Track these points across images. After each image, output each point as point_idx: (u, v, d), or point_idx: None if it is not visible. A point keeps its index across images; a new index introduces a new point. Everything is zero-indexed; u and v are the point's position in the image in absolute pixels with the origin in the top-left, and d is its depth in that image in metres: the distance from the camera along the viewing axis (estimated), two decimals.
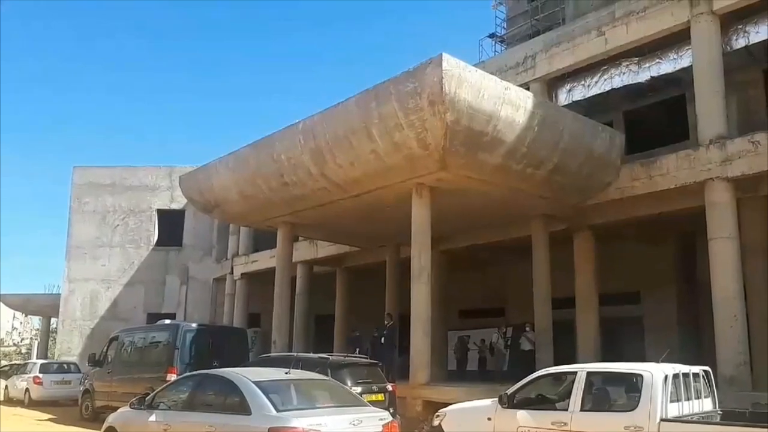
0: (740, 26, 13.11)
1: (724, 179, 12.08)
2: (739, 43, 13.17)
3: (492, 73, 12.35)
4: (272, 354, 13.63)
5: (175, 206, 28.86)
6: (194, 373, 8.34)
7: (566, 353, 14.57)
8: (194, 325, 14.50)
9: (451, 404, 9.14)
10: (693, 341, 15.56)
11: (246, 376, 6.96)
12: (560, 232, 15.45)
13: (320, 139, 12.93)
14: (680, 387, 6.99)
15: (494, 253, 19.01)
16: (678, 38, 13.58)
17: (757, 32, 12.91)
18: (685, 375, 7.15)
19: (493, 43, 25.00)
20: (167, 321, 15.25)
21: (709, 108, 12.57)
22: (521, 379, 8.03)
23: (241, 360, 12.49)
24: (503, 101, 11.26)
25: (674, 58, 14.08)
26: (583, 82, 15.65)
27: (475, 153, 11.62)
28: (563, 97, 15.96)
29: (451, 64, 10.56)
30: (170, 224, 28.85)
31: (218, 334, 15.13)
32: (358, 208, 14.66)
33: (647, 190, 13.33)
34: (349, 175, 13.09)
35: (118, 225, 28.95)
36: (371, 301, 20.87)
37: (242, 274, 26.09)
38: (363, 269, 21.97)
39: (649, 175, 13.28)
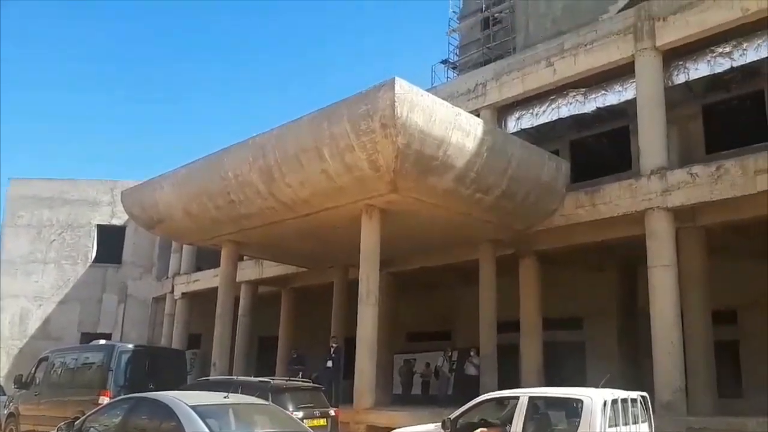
0: (681, 63, 13.68)
1: (664, 209, 12.46)
2: (680, 78, 13.72)
3: (444, 99, 12.48)
4: (211, 377, 13.21)
5: (116, 222, 27.94)
6: (128, 396, 7.93)
7: (510, 377, 14.64)
8: (130, 345, 13.99)
9: (395, 429, 9.00)
10: (633, 367, 15.91)
11: (182, 400, 6.65)
12: (507, 257, 15.62)
13: (270, 158, 12.73)
14: (619, 412, 7.13)
15: (443, 276, 19.07)
16: (623, 71, 14.03)
17: (697, 69, 13.49)
18: (624, 400, 7.28)
19: (446, 69, 25.44)
20: (102, 341, 14.64)
21: (651, 140, 13.00)
22: (465, 404, 7.97)
23: (179, 383, 12.07)
24: (454, 127, 11.39)
25: (619, 91, 14.55)
26: (531, 111, 15.99)
27: (425, 176, 11.67)
28: (512, 124, 16.25)
29: (403, 88, 10.65)
30: (110, 240, 27.89)
31: (155, 356, 14.58)
32: (307, 228, 14.46)
33: (591, 217, 13.62)
34: (299, 195, 12.91)
35: (54, 240, 27.79)
36: (318, 324, 20.57)
37: (183, 293, 25.35)
38: (310, 290, 21.67)
39: (593, 203, 13.59)
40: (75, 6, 65.28)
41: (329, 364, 15.37)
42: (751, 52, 12.80)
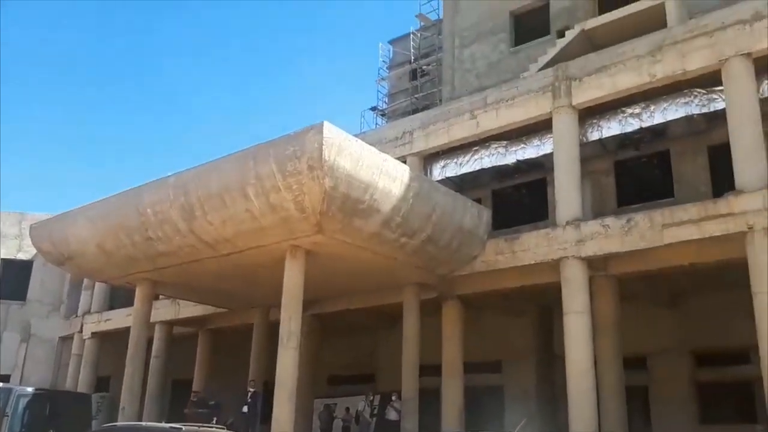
0: (595, 121, 14.53)
1: (578, 258, 13.01)
2: (594, 135, 14.56)
3: (372, 144, 12.68)
4: (119, 423, 12.49)
5: (22, 256, 26.30)
6: None
7: (432, 421, 14.60)
8: (30, 389, 13.14)
9: None
10: (549, 409, 16.25)
11: None
12: (431, 301, 15.78)
13: (192, 195, 12.46)
14: None
15: (367, 318, 18.99)
16: (542, 127, 14.73)
17: (609, 127, 14.37)
18: None
19: (375, 115, 25.98)
20: None
21: (566, 192, 13.63)
22: None
23: (82, 429, 11.36)
24: (381, 172, 11.59)
25: (538, 145, 15.25)
26: (456, 160, 16.47)
27: (351, 219, 11.72)
28: (437, 172, 16.66)
29: (332, 132, 10.79)
30: (15, 276, 26.17)
31: (57, 400, 13.73)
32: (228, 267, 14.13)
33: (510, 264, 14.02)
34: (221, 234, 12.65)
35: None
36: (236, 367, 19.91)
37: (93, 333, 23.99)
38: (229, 332, 21.03)
39: (512, 250, 14.01)
40: None
41: (245, 409, 14.86)
42: (658, 114, 13.77)
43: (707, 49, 12.47)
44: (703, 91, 13.25)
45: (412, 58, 25.92)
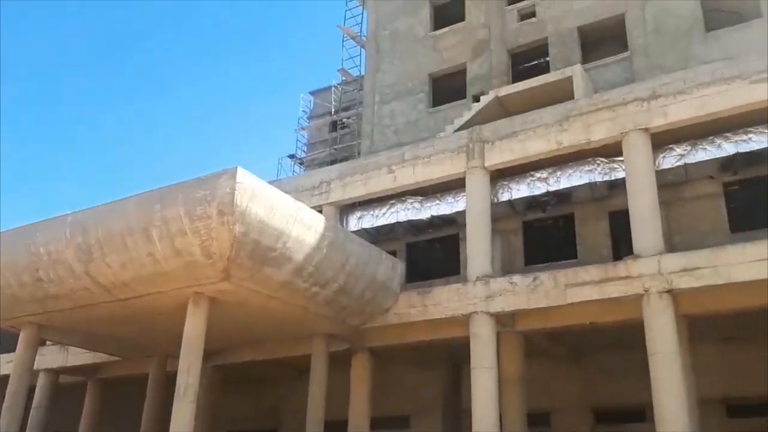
0: (506, 182, 15.07)
1: (486, 313, 13.19)
2: (505, 196, 15.08)
3: (288, 192, 12.55)
4: None
5: None
6: None
7: None
8: None
9: None
10: None
11: None
12: (340, 353, 15.45)
13: (91, 235, 11.71)
14: None
15: (273, 370, 18.31)
16: (456, 185, 15.10)
17: (519, 189, 14.94)
18: None
19: (293, 163, 25.90)
20: None
21: (477, 249, 13.92)
22: None
23: None
24: (295, 220, 11.42)
25: (451, 202, 15.59)
26: (372, 212, 16.54)
27: (261, 267, 11.39)
28: (353, 223, 16.64)
29: (245, 178, 10.60)
30: None
31: None
32: (125, 313, 13.26)
33: (422, 317, 14.02)
34: (119, 277, 11.90)
35: None
36: (127, 420, 18.53)
37: None
38: (121, 382, 19.62)
39: (424, 304, 14.04)
40: None
41: None
42: (563, 180, 14.46)
43: (609, 122, 13.30)
44: (606, 161, 14.06)
45: (333, 110, 26.28)
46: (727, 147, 13.08)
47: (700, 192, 14.05)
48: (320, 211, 14.81)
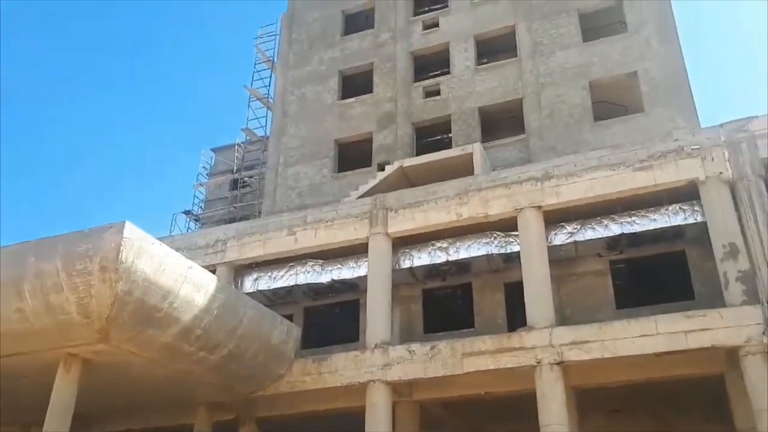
0: (407, 250, 15.16)
1: (384, 382, 12.92)
2: (406, 263, 15.13)
3: (181, 249, 12.01)
4: None
5: None
6: None
7: None
8: None
9: None
10: None
11: None
12: (226, 423, 14.49)
13: None
14: None
15: None
16: (358, 250, 15.02)
17: (420, 258, 15.06)
18: None
19: (188, 220, 24.94)
20: None
21: (377, 315, 13.76)
22: None
23: None
24: (185, 279, 10.82)
25: (353, 267, 15.43)
26: (270, 274, 16.04)
27: (144, 328, 10.57)
28: (249, 284, 16.05)
29: (133, 233, 10.01)
30: None
31: None
32: None
33: (316, 386, 13.54)
34: None
35: None
36: None
37: None
38: None
39: (319, 371, 13.58)
40: None
41: None
42: (462, 250, 14.75)
43: (506, 198, 13.90)
44: (502, 234, 14.52)
45: (235, 168, 25.78)
46: (613, 227, 13.89)
47: (589, 268, 14.74)
48: (214, 271, 14.20)
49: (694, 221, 13.19)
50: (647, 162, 13.16)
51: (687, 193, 13.12)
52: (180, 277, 10.72)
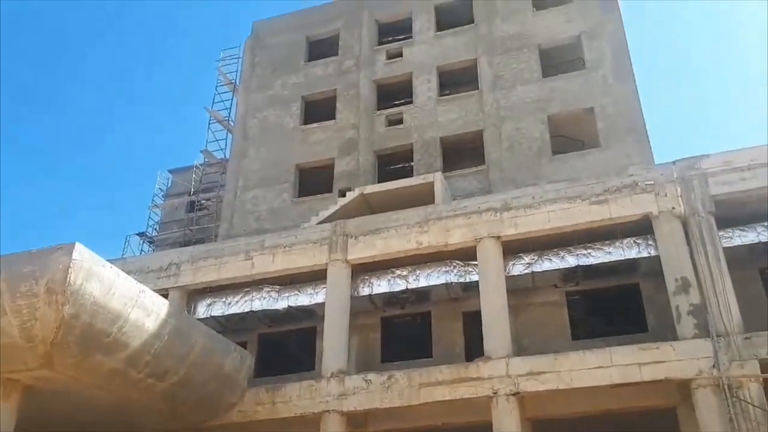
0: (367, 277, 15.05)
1: (339, 412, 12.70)
2: (365, 291, 15.00)
3: (133, 272, 11.66)
4: None
5: None
6: None
7: None
8: None
9: None
10: None
11: None
12: None
13: None
14: None
15: None
16: (316, 276, 14.87)
17: (379, 285, 14.95)
18: None
19: (142, 242, 24.26)
20: None
21: (334, 344, 13.57)
22: None
23: None
24: (135, 304, 10.46)
25: (311, 293, 15.21)
26: (224, 299, 15.69)
27: (91, 353, 10.13)
28: (202, 310, 15.67)
29: (83, 255, 9.64)
30: None
31: None
32: None
33: (269, 416, 13.24)
34: None
35: None
36: None
37: None
38: None
39: (273, 401, 13.28)
40: None
41: None
42: (422, 278, 14.72)
43: (466, 227, 14.02)
44: (461, 263, 14.56)
45: (192, 190, 25.30)
46: (569, 259, 14.09)
47: (546, 299, 14.87)
48: (166, 296, 13.80)
49: (648, 255, 13.50)
50: (603, 196, 13.46)
51: (641, 227, 13.44)
52: (130, 301, 10.36)
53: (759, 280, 13.67)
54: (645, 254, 13.56)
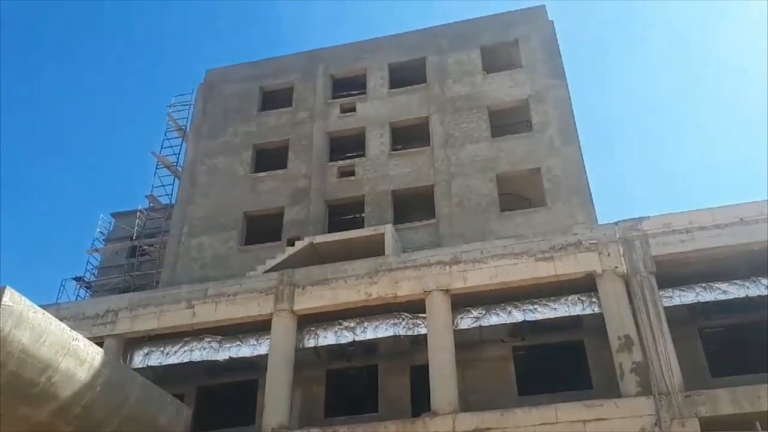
0: (313, 328, 14.73)
1: None
2: (311, 342, 14.65)
3: (66, 319, 11.13)
4: None
5: None
6: None
7: None
8: None
9: None
10: None
11: None
12: None
13: None
14: None
15: None
16: (260, 327, 14.49)
17: (325, 337, 14.65)
18: None
19: (78, 287, 23.23)
20: None
21: (276, 397, 13.15)
22: None
23: None
24: (67, 352, 9.90)
25: (254, 344, 14.76)
26: (162, 349, 15.06)
27: (16, 405, 9.44)
28: (139, 359, 14.97)
29: (14, 299, 9.14)
30: None
31: None
32: None
33: None
34: None
35: None
36: None
37: None
38: None
39: None
40: None
41: None
42: (370, 331, 14.52)
43: (415, 280, 14.04)
44: (410, 316, 14.47)
45: (135, 235, 24.52)
46: (516, 314, 14.19)
47: (493, 354, 14.86)
48: (101, 344, 13.12)
49: (592, 312, 13.74)
50: (549, 253, 13.75)
51: (585, 285, 13.72)
52: (62, 349, 9.78)
53: (698, 339, 14.07)
54: (589, 311, 13.80)
